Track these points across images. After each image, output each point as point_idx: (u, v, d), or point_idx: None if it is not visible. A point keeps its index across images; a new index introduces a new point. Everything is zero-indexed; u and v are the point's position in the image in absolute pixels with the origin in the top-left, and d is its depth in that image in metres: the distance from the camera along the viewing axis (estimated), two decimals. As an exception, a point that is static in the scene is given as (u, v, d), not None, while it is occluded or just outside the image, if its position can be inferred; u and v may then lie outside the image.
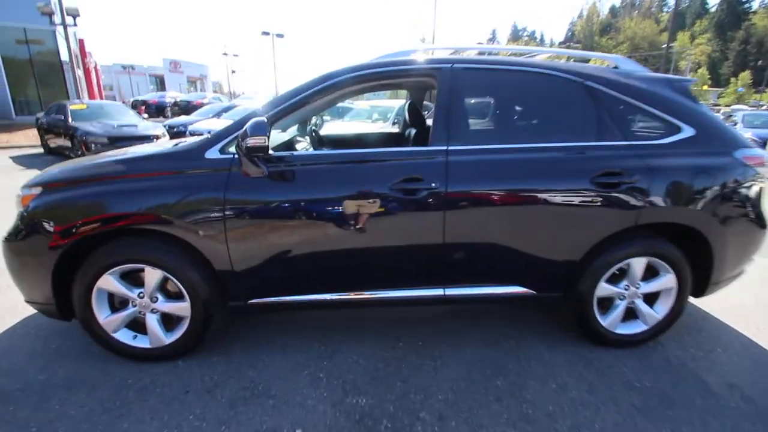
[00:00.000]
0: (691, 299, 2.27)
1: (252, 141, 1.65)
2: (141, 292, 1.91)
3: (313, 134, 3.22)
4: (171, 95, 24.11)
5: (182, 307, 1.92)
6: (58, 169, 2.05)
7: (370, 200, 1.82)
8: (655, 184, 1.89)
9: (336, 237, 1.85)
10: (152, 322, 1.94)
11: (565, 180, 1.87)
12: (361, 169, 1.86)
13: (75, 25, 12.97)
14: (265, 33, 29.84)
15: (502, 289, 2.03)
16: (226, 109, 11.57)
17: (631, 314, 2.18)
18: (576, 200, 1.88)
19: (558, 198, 1.87)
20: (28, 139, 11.90)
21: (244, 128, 1.69)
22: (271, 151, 1.86)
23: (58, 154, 9.23)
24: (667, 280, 2.09)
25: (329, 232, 1.84)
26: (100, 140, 7.90)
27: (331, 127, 8.61)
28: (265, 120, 1.69)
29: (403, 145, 3.28)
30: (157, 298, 1.92)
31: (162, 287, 1.92)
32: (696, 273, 2.10)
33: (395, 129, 4.74)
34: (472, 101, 1.96)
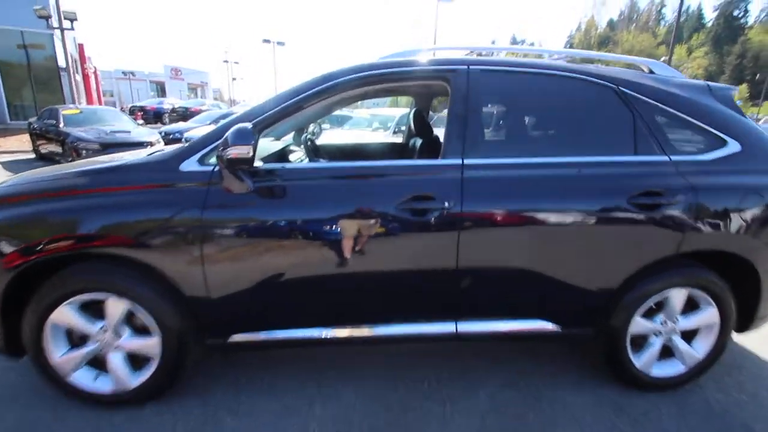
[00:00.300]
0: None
1: (234, 151, 1.40)
2: (104, 326, 1.63)
3: (309, 144, 2.97)
4: (169, 102, 23.97)
5: (151, 344, 1.64)
6: (12, 181, 1.79)
7: (373, 221, 1.56)
8: (699, 206, 1.64)
9: (332, 263, 1.59)
10: (116, 360, 1.67)
11: (598, 200, 1.62)
12: (362, 186, 1.61)
13: (72, 29, 12.80)
14: (266, 41, 29.91)
15: (523, 325, 1.76)
16: (224, 116, 11.37)
17: (665, 352, 1.91)
18: (611, 223, 1.63)
19: (591, 221, 1.62)
20: (22, 144, 11.66)
21: (225, 136, 1.43)
22: (258, 163, 1.60)
23: (49, 159, 8.97)
24: (709, 315, 1.83)
25: (324, 257, 1.58)
26: (91, 146, 7.65)
27: (329, 136, 8.40)
28: (250, 127, 1.44)
29: (407, 157, 3.04)
30: (121, 333, 1.64)
31: (128, 320, 1.65)
32: (740, 305, 1.85)
33: (397, 139, 4.51)
34: (491, 108, 1.70)
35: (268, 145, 2.22)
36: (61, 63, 16.35)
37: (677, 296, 1.78)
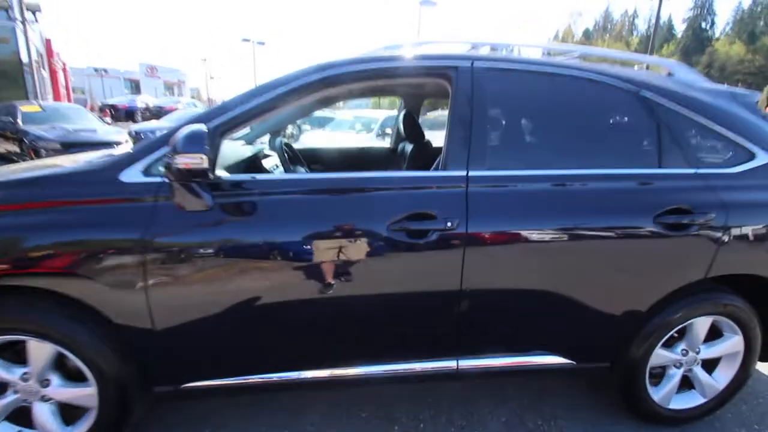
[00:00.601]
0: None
1: (184, 160, 1.11)
2: (26, 372, 1.31)
3: (286, 148, 2.69)
4: (142, 99, 22.97)
5: (86, 394, 1.33)
6: None
7: (360, 245, 1.31)
8: (730, 225, 1.45)
9: (310, 295, 1.32)
10: (43, 413, 1.35)
11: (621, 218, 1.41)
12: (348, 202, 1.35)
13: (36, 21, 12.03)
14: (246, 40, 29.22)
15: (532, 359, 1.53)
16: (200, 116, 10.83)
17: (684, 383, 1.72)
18: (635, 245, 1.42)
19: (612, 242, 1.41)
20: (-24, 143, 10.80)
21: (173, 141, 1.14)
22: (221, 173, 1.32)
23: (7, 159, 8.31)
24: (733, 343, 1.65)
25: (301, 288, 1.31)
26: (51, 145, 7.09)
27: (309, 139, 8.08)
28: (205, 130, 1.15)
29: (396, 164, 2.79)
30: (48, 380, 1.33)
31: (57, 365, 1.33)
32: (765, 332, 1.68)
33: (383, 142, 4.26)
34: (497, 112, 1.47)
35: (235, 150, 1.93)
36: (24, 58, 15.39)
37: (701, 324, 1.59)
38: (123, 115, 20.12)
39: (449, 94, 1.47)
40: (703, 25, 64.98)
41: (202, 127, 1.16)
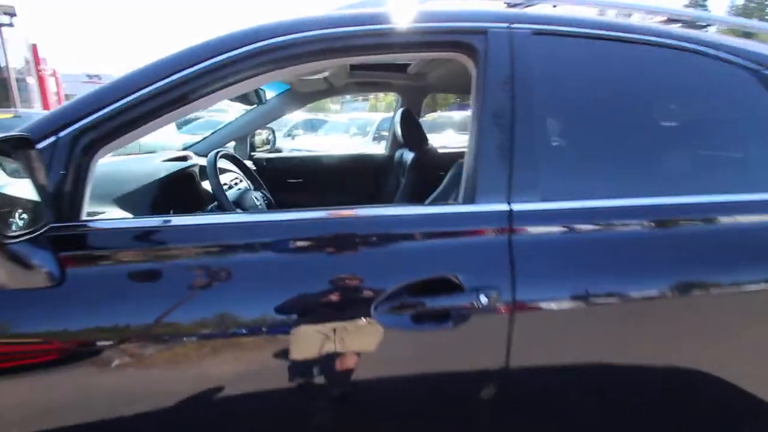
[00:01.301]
0: None
1: None
2: None
3: (233, 165, 2.06)
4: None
5: None
6: None
7: (331, 341, 0.74)
8: None
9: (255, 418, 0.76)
10: None
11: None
12: (311, 264, 0.78)
13: (11, 25, 11.48)
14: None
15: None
16: (186, 122, 10.28)
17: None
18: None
19: (754, 311, 0.85)
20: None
21: None
22: (112, 214, 0.77)
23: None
24: None
25: (234, 409, 0.75)
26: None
27: (300, 144, 7.47)
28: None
29: (393, 176, 2.21)
30: None
31: None
32: None
33: (379, 147, 3.70)
34: (557, 106, 0.90)
35: (149, 169, 1.31)
36: (6, 62, 14.83)
37: None
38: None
39: (472, 77, 0.91)
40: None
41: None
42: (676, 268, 0.83)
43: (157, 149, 2.65)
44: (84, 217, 0.77)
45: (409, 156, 1.92)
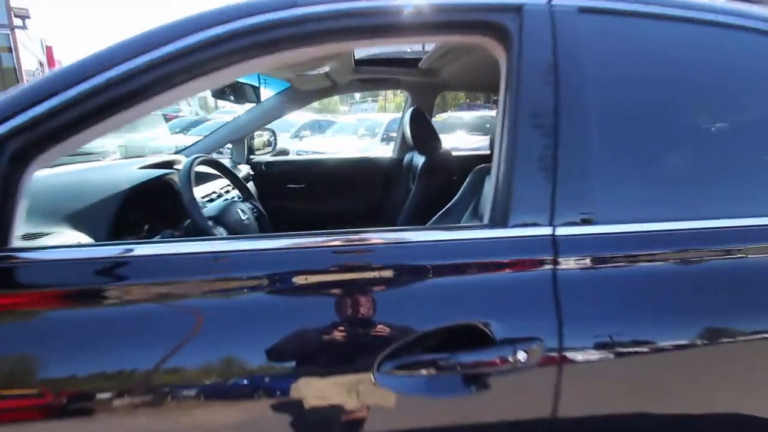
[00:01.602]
0: None
1: None
2: None
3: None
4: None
5: None
6: None
7: (321, 413, 0.57)
8: None
9: None
10: None
11: None
12: (288, 308, 0.61)
13: (25, 27, 11.58)
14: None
15: None
16: (195, 124, 10.22)
17: None
18: None
19: None
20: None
21: None
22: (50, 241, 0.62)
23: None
24: None
25: None
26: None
27: (307, 146, 7.34)
28: None
29: (402, 183, 2.03)
30: None
31: None
32: None
33: (387, 148, 3.53)
34: (612, 99, 0.71)
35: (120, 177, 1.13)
36: (17, 64, 15.05)
37: None
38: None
39: (502, 68, 0.73)
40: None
41: None
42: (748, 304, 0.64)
43: (147, 153, 2.51)
44: (13, 245, 0.61)
45: (419, 160, 1.74)
